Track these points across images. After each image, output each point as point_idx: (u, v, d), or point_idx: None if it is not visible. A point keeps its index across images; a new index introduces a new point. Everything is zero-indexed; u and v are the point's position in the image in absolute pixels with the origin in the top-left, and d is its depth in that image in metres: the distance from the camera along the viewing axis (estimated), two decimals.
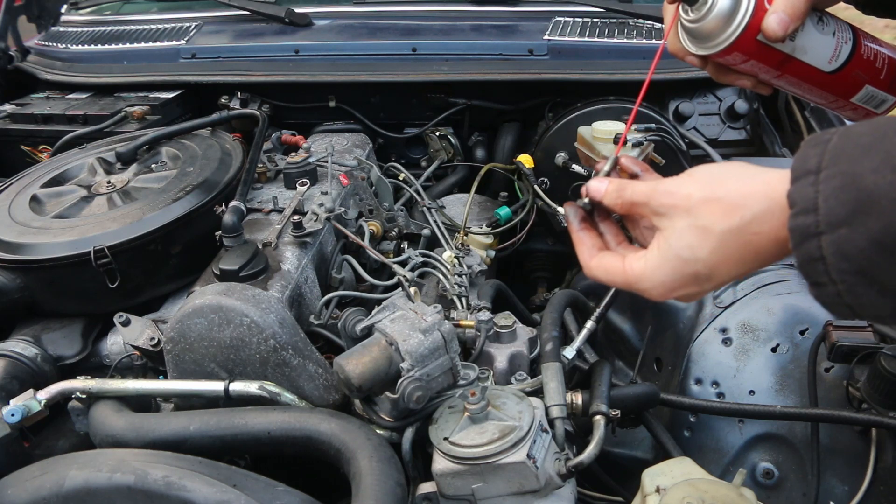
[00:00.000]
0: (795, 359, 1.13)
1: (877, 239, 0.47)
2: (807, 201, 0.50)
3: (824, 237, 0.49)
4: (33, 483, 0.84)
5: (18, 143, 1.70)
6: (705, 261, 0.59)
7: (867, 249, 0.47)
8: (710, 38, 0.74)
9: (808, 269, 0.51)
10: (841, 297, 0.50)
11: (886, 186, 0.47)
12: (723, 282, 0.61)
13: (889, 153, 0.48)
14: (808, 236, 0.50)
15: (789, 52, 0.74)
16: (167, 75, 1.78)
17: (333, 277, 1.25)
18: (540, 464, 0.86)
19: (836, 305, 0.52)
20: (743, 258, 0.58)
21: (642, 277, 0.63)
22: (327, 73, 1.74)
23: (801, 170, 0.52)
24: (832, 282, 0.50)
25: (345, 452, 0.88)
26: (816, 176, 0.50)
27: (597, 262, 0.69)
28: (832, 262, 0.49)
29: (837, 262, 0.49)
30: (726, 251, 0.58)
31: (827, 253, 0.49)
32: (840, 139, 0.51)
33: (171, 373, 1.02)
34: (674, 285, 0.62)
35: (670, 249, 0.61)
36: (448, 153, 1.85)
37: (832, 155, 0.51)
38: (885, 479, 1.02)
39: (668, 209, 0.61)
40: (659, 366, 1.30)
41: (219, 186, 1.26)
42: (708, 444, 1.14)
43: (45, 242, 1.14)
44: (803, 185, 0.51)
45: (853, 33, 0.76)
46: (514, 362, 1.11)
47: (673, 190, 0.61)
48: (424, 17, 1.89)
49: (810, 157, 0.52)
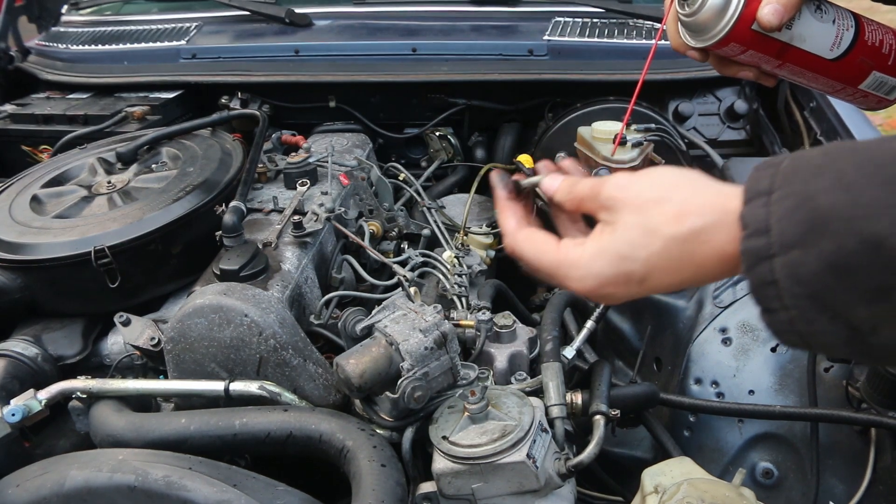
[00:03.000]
0: (795, 358, 1.13)
1: (830, 261, 0.45)
2: (759, 222, 0.49)
3: (777, 259, 0.48)
4: (34, 483, 0.84)
5: (19, 143, 1.70)
6: (644, 262, 0.57)
7: (820, 272, 0.46)
8: (706, 31, 0.75)
9: (760, 294, 0.50)
10: (793, 325, 0.49)
11: (839, 206, 0.46)
12: (654, 288, 0.59)
13: (841, 172, 0.47)
14: (760, 259, 0.49)
15: (787, 40, 0.74)
16: (167, 75, 1.79)
17: (333, 277, 1.25)
18: (540, 463, 0.86)
19: (787, 334, 0.50)
20: (682, 267, 0.56)
21: (575, 264, 0.61)
22: (327, 73, 1.74)
23: (754, 191, 0.51)
24: (784, 307, 0.48)
25: (345, 452, 0.88)
26: (768, 197, 0.49)
27: (526, 235, 0.66)
28: (785, 285, 0.48)
29: (790, 286, 0.47)
30: (667, 256, 0.56)
31: (780, 276, 0.48)
32: (792, 161, 0.50)
33: (171, 373, 1.02)
34: (605, 280, 0.59)
35: (612, 243, 0.59)
36: (448, 153, 1.85)
37: (784, 176, 0.50)
38: (884, 478, 1.02)
39: (617, 203, 0.59)
40: (659, 366, 1.30)
41: (219, 186, 1.26)
42: (708, 443, 1.14)
43: (45, 242, 1.14)
44: (755, 206, 0.50)
45: (856, 20, 0.76)
46: (513, 362, 1.11)
47: (624, 184, 0.60)
48: (424, 17, 1.89)
49: (762, 179, 0.51)
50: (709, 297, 1.24)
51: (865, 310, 0.46)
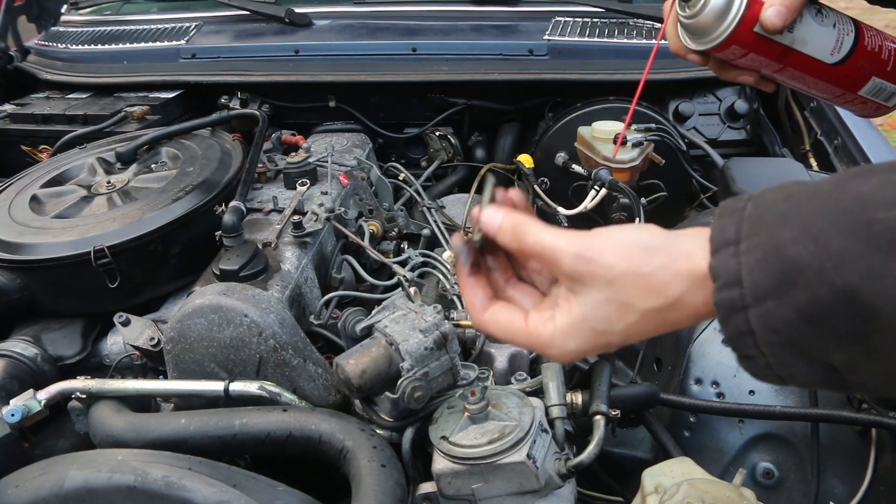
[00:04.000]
0: None
1: (804, 310, 0.46)
2: (730, 274, 0.49)
3: (751, 311, 0.48)
4: (33, 483, 0.84)
5: (18, 143, 1.70)
6: (621, 332, 0.57)
7: (795, 322, 0.46)
8: (707, 33, 0.75)
9: (736, 343, 0.50)
10: (771, 370, 0.49)
11: (809, 257, 0.46)
12: (632, 342, 0.59)
13: (806, 223, 0.47)
14: (734, 310, 0.49)
15: (788, 43, 0.74)
16: (167, 75, 1.78)
17: (333, 277, 1.25)
18: (540, 464, 0.86)
19: (767, 377, 0.50)
20: (658, 329, 0.56)
21: (550, 344, 0.59)
22: (327, 73, 1.74)
23: (720, 240, 0.50)
24: (762, 354, 0.48)
25: (345, 452, 0.88)
26: (737, 247, 0.49)
27: (491, 316, 0.62)
28: (760, 335, 0.48)
29: (766, 335, 0.47)
30: (644, 326, 0.56)
31: (755, 326, 0.48)
32: (755, 207, 0.50)
33: (171, 373, 1.02)
34: (583, 352, 0.59)
35: (585, 321, 0.57)
36: (448, 153, 1.85)
37: (750, 224, 0.49)
38: (884, 479, 1.02)
39: (586, 277, 0.56)
40: (659, 366, 1.30)
41: (219, 186, 1.26)
42: (708, 444, 1.14)
43: (45, 242, 1.14)
44: (724, 256, 0.50)
45: (855, 25, 0.76)
46: (514, 362, 1.11)
47: (592, 257, 0.56)
48: (424, 17, 1.89)
49: (728, 228, 0.50)
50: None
51: (842, 354, 0.46)
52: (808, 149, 1.62)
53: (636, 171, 1.49)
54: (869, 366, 0.46)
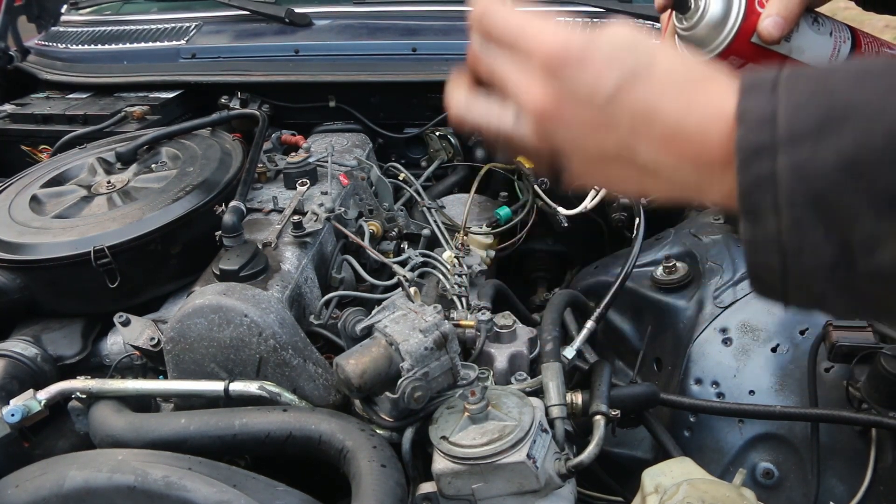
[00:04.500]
0: (795, 359, 1.13)
1: (849, 156, 0.39)
2: (762, 112, 0.42)
3: (782, 153, 0.41)
4: (33, 483, 0.84)
5: (18, 143, 1.70)
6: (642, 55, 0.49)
7: (833, 170, 0.40)
8: (704, 44, 0.75)
9: (749, 196, 0.42)
10: (779, 236, 0.42)
11: (865, 97, 0.39)
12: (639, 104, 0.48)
13: (858, 74, 0.41)
14: (759, 152, 0.42)
15: (786, 53, 0.74)
16: (167, 75, 1.78)
17: (333, 277, 1.25)
18: (540, 464, 0.86)
19: (764, 250, 0.43)
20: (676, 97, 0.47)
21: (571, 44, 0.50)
22: (327, 73, 1.74)
23: (752, 83, 0.44)
24: (776, 211, 0.41)
25: (345, 452, 0.88)
26: (773, 90, 0.43)
27: None
28: (785, 184, 0.41)
29: (792, 185, 0.41)
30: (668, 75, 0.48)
31: (782, 172, 0.41)
32: (792, 68, 0.44)
33: (171, 373, 1.02)
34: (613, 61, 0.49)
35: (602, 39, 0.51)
36: (448, 153, 1.85)
37: (789, 73, 0.43)
38: (885, 479, 1.02)
39: None
40: (659, 366, 1.30)
41: (219, 186, 1.26)
42: (708, 444, 1.14)
43: (45, 242, 1.14)
44: (757, 96, 0.43)
45: (852, 33, 0.76)
46: (514, 362, 1.11)
47: None
48: (424, 17, 1.89)
49: (762, 75, 0.44)
50: (709, 297, 1.24)
51: (871, 222, 0.40)
52: None
53: None
54: None
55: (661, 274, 1.32)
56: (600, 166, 0.52)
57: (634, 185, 0.52)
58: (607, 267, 1.50)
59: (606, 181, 0.54)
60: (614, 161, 0.50)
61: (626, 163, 0.50)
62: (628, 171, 0.50)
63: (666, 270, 1.32)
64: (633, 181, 0.51)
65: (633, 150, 0.49)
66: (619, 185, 0.53)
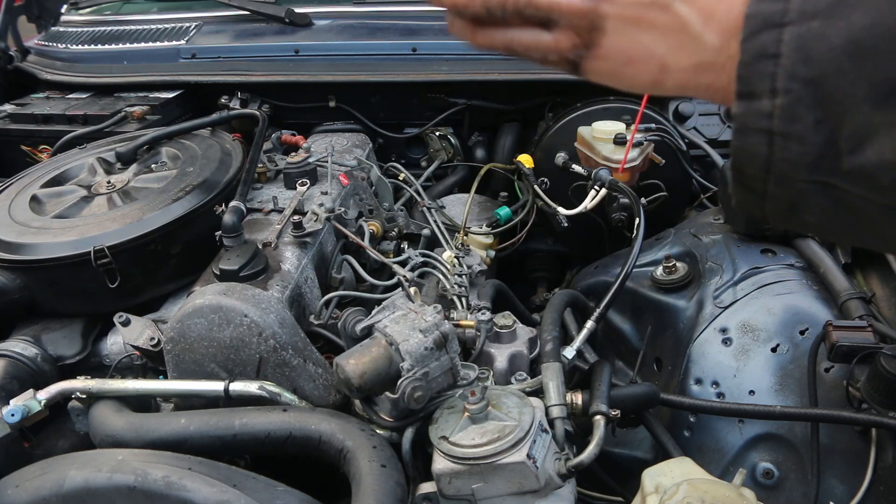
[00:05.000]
0: (795, 359, 1.13)
1: (855, 38, 0.38)
2: None
3: (790, 28, 0.39)
4: (33, 483, 0.84)
5: (18, 143, 1.70)
6: None
7: (838, 51, 0.38)
8: None
9: (750, 70, 0.41)
10: (771, 118, 0.41)
11: None
12: None
13: None
14: (767, 26, 0.40)
15: None
16: (167, 75, 1.78)
17: (333, 277, 1.25)
18: (540, 464, 0.86)
19: (753, 132, 0.42)
20: None
21: None
22: (327, 73, 1.74)
23: None
24: (772, 91, 0.40)
25: (345, 452, 0.88)
26: None
27: None
28: (787, 62, 0.39)
29: (794, 64, 0.39)
30: None
31: (786, 48, 0.39)
32: None
33: (171, 373, 1.02)
34: None
35: None
36: (448, 153, 1.85)
37: None
38: (885, 479, 1.01)
39: None
40: (659, 366, 1.30)
41: (219, 186, 1.26)
42: (708, 444, 1.14)
43: (45, 242, 1.14)
44: None
45: None
46: (514, 362, 1.11)
47: None
48: (424, 17, 1.89)
49: None
50: (709, 297, 1.24)
51: (865, 113, 0.39)
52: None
53: (636, 171, 1.49)
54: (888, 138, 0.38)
55: (661, 274, 1.33)
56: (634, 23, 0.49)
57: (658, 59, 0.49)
58: (607, 267, 1.50)
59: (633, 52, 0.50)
60: (649, 10, 0.48)
61: (660, 14, 0.47)
62: (658, 32, 0.48)
63: (666, 270, 1.32)
64: (660, 47, 0.49)
65: None
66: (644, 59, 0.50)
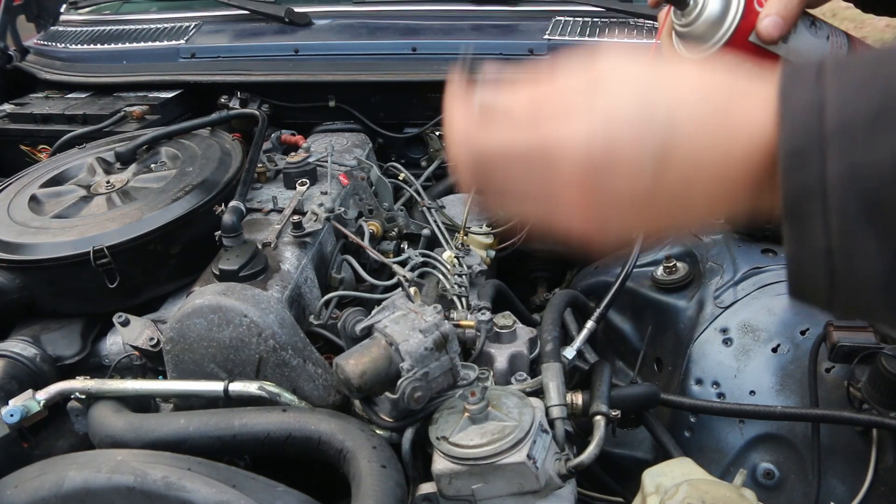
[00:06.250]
0: (796, 359, 1.13)
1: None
2: (807, 102, 0.37)
3: (832, 145, 0.36)
4: (32, 483, 0.84)
5: (17, 143, 1.70)
6: (667, 106, 0.43)
7: (890, 167, 0.34)
8: (702, 41, 0.75)
9: (795, 193, 0.37)
10: (827, 240, 0.37)
11: None
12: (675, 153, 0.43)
13: None
14: (806, 148, 0.37)
15: (783, 54, 0.74)
16: (166, 75, 1.78)
17: (333, 277, 1.25)
18: (540, 464, 0.86)
19: (807, 258, 0.38)
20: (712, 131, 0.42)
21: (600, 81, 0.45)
22: (327, 72, 1.73)
23: (793, 74, 0.39)
24: (824, 213, 0.36)
25: (344, 453, 0.88)
26: (818, 79, 0.38)
27: None
28: (836, 182, 0.35)
29: (843, 185, 0.35)
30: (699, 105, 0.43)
31: (833, 167, 0.36)
32: (834, 58, 0.40)
33: (170, 373, 1.02)
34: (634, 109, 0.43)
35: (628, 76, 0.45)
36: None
37: (835, 61, 0.39)
38: (885, 479, 1.01)
39: None
40: (659, 366, 1.30)
41: (218, 186, 1.26)
42: (708, 444, 1.14)
43: (44, 242, 1.14)
44: (799, 84, 0.38)
45: (847, 38, 0.76)
46: (514, 362, 1.11)
47: None
48: (424, 16, 1.89)
49: (803, 66, 0.39)
50: (710, 297, 1.23)
51: None
52: None
53: None
54: None
55: (662, 274, 1.32)
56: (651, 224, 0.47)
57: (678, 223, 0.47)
58: (607, 267, 1.50)
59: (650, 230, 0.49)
60: (664, 217, 0.46)
61: (678, 213, 0.45)
62: (677, 217, 0.46)
63: (666, 270, 1.32)
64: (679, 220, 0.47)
65: (683, 202, 0.44)
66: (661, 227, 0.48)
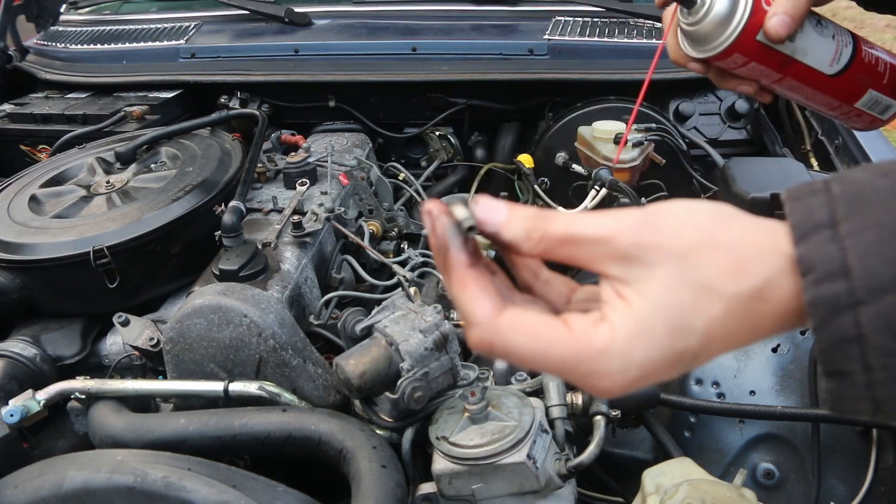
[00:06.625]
0: (796, 359, 1.13)
1: None
2: (830, 263, 0.38)
3: (864, 308, 0.37)
4: (32, 483, 0.84)
5: (17, 143, 1.70)
6: (702, 332, 0.41)
7: None
8: (709, 41, 0.74)
9: (834, 353, 0.38)
10: (872, 390, 0.38)
11: None
12: (698, 364, 0.43)
13: None
14: (838, 309, 0.38)
15: (790, 53, 0.74)
16: (166, 75, 1.78)
17: (333, 277, 1.25)
18: (540, 464, 0.86)
19: (857, 402, 0.39)
20: (742, 332, 0.41)
21: (606, 354, 0.41)
22: (327, 72, 1.73)
23: (808, 223, 0.39)
24: (867, 369, 0.38)
25: (344, 453, 0.88)
26: (834, 230, 0.38)
27: (511, 320, 0.42)
28: (875, 341, 0.37)
29: (882, 341, 0.37)
30: (728, 323, 0.41)
31: (868, 329, 0.37)
32: (845, 186, 0.40)
33: (170, 373, 1.02)
34: (652, 368, 0.41)
35: (655, 313, 0.40)
36: (448, 153, 1.85)
37: (847, 203, 0.39)
38: (885, 479, 1.01)
39: (651, 251, 0.41)
40: None
41: (218, 186, 1.26)
42: (708, 444, 1.14)
43: (44, 242, 1.14)
44: (818, 242, 0.39)
45: (852, 37, 0.77)
46: None
47: (654, 224, 0.42)
48: (424, 16, 1.89)
49: (815, 209, 0.39)
50: None
51: None
52: (808, 148, 1.62)
53: (637, 170, 1.49)
54: None
55: None
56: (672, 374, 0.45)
57: None
58: None
59: None
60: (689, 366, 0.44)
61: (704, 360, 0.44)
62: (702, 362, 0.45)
63: None
64: None
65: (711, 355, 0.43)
66: None
